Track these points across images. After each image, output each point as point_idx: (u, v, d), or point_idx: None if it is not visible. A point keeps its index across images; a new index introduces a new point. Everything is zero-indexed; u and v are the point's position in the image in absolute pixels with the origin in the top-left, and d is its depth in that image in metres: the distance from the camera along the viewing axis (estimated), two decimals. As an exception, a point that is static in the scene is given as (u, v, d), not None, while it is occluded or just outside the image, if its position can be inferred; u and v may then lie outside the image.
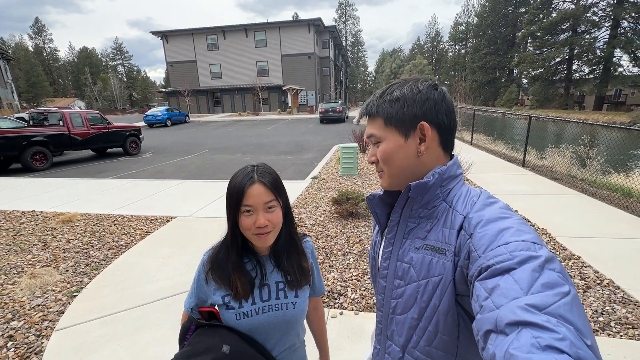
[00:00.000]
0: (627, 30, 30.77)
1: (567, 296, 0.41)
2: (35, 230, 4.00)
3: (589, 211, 4.41)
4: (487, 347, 0.42)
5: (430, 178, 0.64)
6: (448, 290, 0.59)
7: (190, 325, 0.89)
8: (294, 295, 0.93)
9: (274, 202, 0.85)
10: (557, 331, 0.37)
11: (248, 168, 0.87)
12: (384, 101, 0.68)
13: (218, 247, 0.94)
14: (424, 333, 0.63)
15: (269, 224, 0.84)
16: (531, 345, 0.37)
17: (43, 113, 9.88)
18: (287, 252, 0.95)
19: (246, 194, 0.82)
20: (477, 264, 0.52)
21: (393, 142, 0.67)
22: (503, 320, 0.41)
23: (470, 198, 0.64)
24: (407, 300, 0.65)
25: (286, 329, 0.94)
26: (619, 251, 3.21)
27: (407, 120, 0.65)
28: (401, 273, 0.67)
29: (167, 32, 34.51)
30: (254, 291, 0.90)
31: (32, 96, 53.43)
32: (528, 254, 0.47)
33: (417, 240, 0.66)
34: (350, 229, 3.81)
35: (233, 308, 0.88)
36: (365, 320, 2.34)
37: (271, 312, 0.90)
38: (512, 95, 42.25)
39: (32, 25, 66.50)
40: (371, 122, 0.71)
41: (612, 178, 5.90)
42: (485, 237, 0.53)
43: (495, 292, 0.45)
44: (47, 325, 2.30)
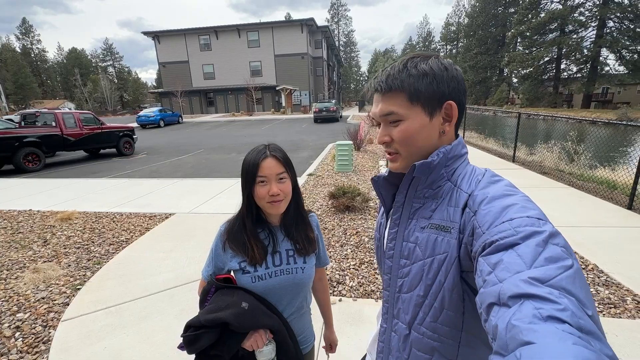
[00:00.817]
0: (612, 30, 31.52)
1: (570, 269, 0.42)
2: (34, 228, 4.01)
3: (577, 203, 4.58)
4: (490, 319, 0.42)
5: (435, 157, 0.63)
6: (453, 267, 0.59)
7: (210, 288, 1.00)
8: (303, 261, 1.04)
9: (285, 174, 0.97)
10: (559, 302, 0.38)
11: (261, 146, 1.00)
12: (409, 75, 0.63)
13: (234, 219, 1.05)
14: (430, 309, 0.64)
15: (281, 193, 0.96)
16: (533, 316, 0.37)
17: (35, 114, 9.79)
18: (296, 223, 1.06)
19: (261, 166, 0.94)
20: (481, 240, 0.52)
21: (418, 121, 0.64)
22: (506, 293, 0.42)
23: (475, 176, 0.64)
24: (413, 278, 0.66)
25: (296, 292, 1.04)
26: (603, 239, 3.38)
27: (435, 98, 0.63)
28: (407, 252, 0.68)
29: (159, 32, 34.23)
30: (267, 257, 1.00)
31: (20, 98, 52.44)
32: (532, 230, 0.47)
33: (422, 220, 0.66)
34: (347, 222, 3.91)
35: (249, 272, 0.99)
36: (363, 306, 2.44)
37: (282, 275, 1.01)
38: (502, 94, 42.91)
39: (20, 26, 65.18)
40: (389, 97, 0.65)
41: (598, 172, 6.11)
42: (490, 214, 0.54)
43: (499, 266, 0.45)
44: (53, 317, 2.35)
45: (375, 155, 8.79)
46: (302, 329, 1.11)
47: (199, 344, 0.89)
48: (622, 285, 2.57)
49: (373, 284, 2.68)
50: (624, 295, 2.45)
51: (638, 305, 2.34)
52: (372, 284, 2.68)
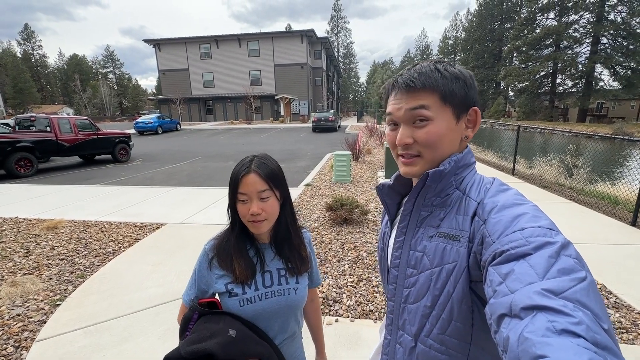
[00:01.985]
0: (606, 46, 32.15)
1: (584, 282, 0.41)
2: (18, 238, 3.84)
3: (578, 218, 4.49)
4: (501, 330, 0.41)
5: (447, 166, 0.62)
6: (462, 276, 0.58)
7: (192, 315, 0.88)
8: (295, 281, 0.96)
9: (268, 192, 0.88)
10: (574, 315, 0.36)
11: (248, 158, 0.91)
12: (443, 76, 0.61)
13: (221, 235, 0.96)
14: (438, 321, 0.62)
15: (262, 213, 0.87)
16: (546, 329, 0.36)
17: (30, 119, 9.65)
18: (288, 241, 0.97)
19: (241, 183, 0.86)
20: (491, 249, 0.51)
21: (446, 123, 0.62)
22: (518, 305, 0.40)
23: (484, 185, 0.63)
24: (420, 288, 0.64)
25: (287, 316, 0.95)
26: (609, 257, 3.26)
27: (465, 103, 0.63)
28: (414, 262, 0.66)
29: (160, 40, 34.47)
30: (256, 277, 0.91)
31: (18, 102, 52.27)
32: (544, 240, 0.46)
33: (430, 228, 0.65)
34: (345, 235, 3.77)
35: (236, 295, 0.89)
36: (361, 327, 2.29)
37: (274, 297, 0.92)
38: (499, 107, 43.41)
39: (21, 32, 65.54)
40: (419, 95, 0.62)
41: (599, 186, 6.04)
42: (500, 223, 0.52)
43: (510, 277, 0.44)
44: (27, 336, 2.18)
45: (373, 166, 8.70)
46: (293, 355, 1.01)
47: None
48: (633, 307, 2.45)
49: (372, 303, 2.53)
50: (635, 319, 2.32)
51: (651, 330, 2.21)
52: (370, 303, 2.53)
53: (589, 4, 31.61)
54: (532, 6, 35.58)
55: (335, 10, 69.47)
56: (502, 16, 47.88)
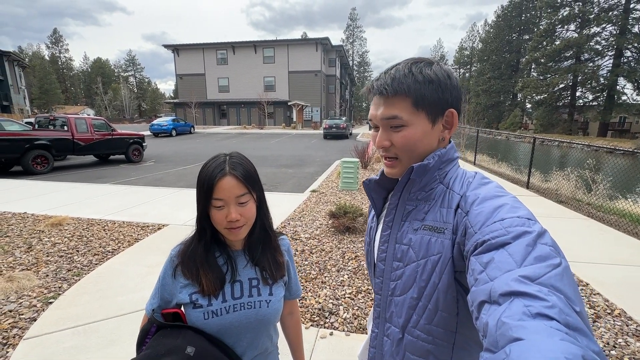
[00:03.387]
0: (630, 59, 31.16)
1: (558, 267, 0.43)
2: (23, 232, 3.89)
3: (597, 236, 4.23)
4: (481, 316, 0.43)
5: (431, 160, 0.63)
6: (447, 267, 0.59)
7: (150, 328, 0.81)
8: (268, 292, 0.87)
9: (247, 195, 0.80)
10: (548, 300, 0.38)
11: (220, 158, 0.82)
12: (415, 80, 0.61)
13: (189, 240, 0.88)
14: (424, 311, 0.63)
15: (241, 219, 0.79)
16: (522, 313, 0.38)
17: (49, 118, 9.98)
18: (263, 245, 0.89)
19: (217, 187, 0.77)
20: (473, 239, 0.52)
21: (421, 127, 0.63)
22: (497, 291, 0.42)
23: (467, 179, 0.65)
24: (406, 281, 0.65)
25: (258, 331, 0.86)
26: (630, 279, 3.03)
27: (439, 106, 0.63)
28: (400, 255, 0.67)
29: (179, 45, 35.47)
30: (224, 287, 0.83)
31: (43, 102, 54.61)
32: (522, 229, 0.48)
33: (415, 221, 0.66)
34: (347, 244, 3.65)
35: (201, 306, 0.80)
36: (357, 342, 2.16)
37: (243, 310, 0.83)
38: (516, 119, 42.49)
39: (50, 36, 68.95)
40: (393, 101, 0.63)
41: (619, 203, 5.73)
42: (482, 214, 0.54)
43: (490, 265, 0.46)
44: (15, 333, 2.15)
45: (382, 174, 8.56)
46: None
47: None
48: (656, 337, 2.23)
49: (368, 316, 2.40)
50: (658, 350, 2.11)
51: (677, 364, 2.00)
52: (368, 317, 2.40)
53: (612, 16, 30.80)
54: (552, 18, 34.93)
55: (351, 20, 70.11)
56: (520, 27, 47.22)
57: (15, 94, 31.77)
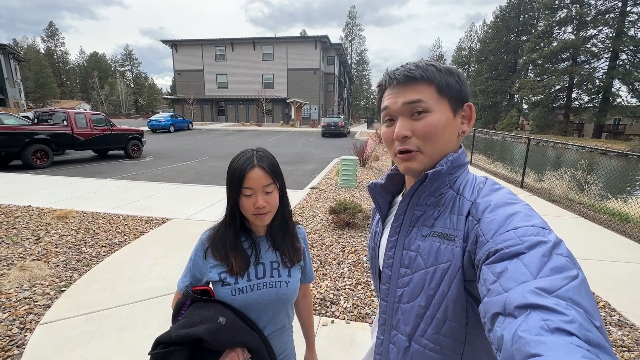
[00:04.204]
0: (625, 62, 31.52)
1: (576, 279, 0.41)
2: (29, 225, 3.97)
3: (587, 234, 4.40)
4: (495, 329, 0.42)
5: (444, 166, 0.62)
6: (457, 276, 0.58)
7: (185, 301, 0.91)
8: (287, 274, 0.98)
9: (272, 185, 0.91)
10: (567, 314, 0.37)
11: (248, 152, 0.93)
12: (438, 69, 0.63)
13: (217, 226, 0.99)
14: (432, 320, 0.62)
15: (267, 206, 0.90)
16: (540, 328, 0.36)
17: (49, 112, 9.98)
18: (283, 232, 1.00)
19: (246, 177, 0.88)
20: (485, 248, 0.51)
21: (445, 115, 0.62)
22: (512, 303, 0.41)
23: (477, 184, 0.64)
24: (413, 288, 0.64)
25: (278, 308, 0.97)
26: (616, 274, 3.19)
27: (459, 97, 0.64)
28: (407, 261, 0.66)
29: (177, 41, 35.27)
30: (249, 268, 0.94)
31: (39, 97, 54.07)
32: (537, 239, 0.46)
33: (424, 228, 0.65)
34: (346, 239, 3.78)
35: (229, 284, 0.91)
36: (356, 330, 2.29)
37: (265, 289, 0.94)
38: (512, 119, 42.81)
39: (46, 29, 68.07)
40: (415, 87, 0.62)
41: (609, 203, 5.91)
42: (494, 222, 0.53)
43: (504, 275, 0.45)
44: (31, 319, 2.25)
45: (380, 172, 8.70)
46: (283, 348, 1.03)
47: None
48: (637, 326, 2.39)
49: (369, 307, 2.53)
50: (639, 338, 2.27)
51: (654, 350, 2.16)
52: (367, 307, 2.54)
53: (608, 19, 31.11)
54: (550, 19, 35.22)
55: (350, 18, 70.03)
56: (518, 28, 47.49)
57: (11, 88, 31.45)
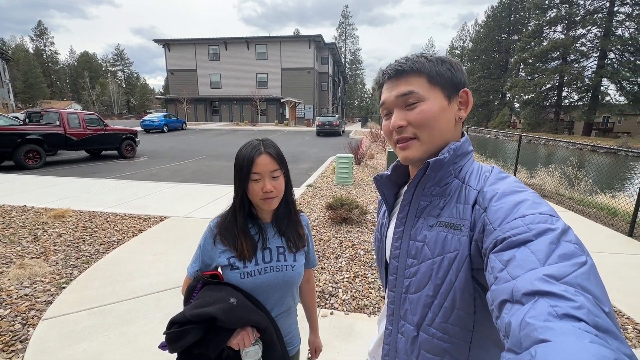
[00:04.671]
0: (613, 61, 32.16)
1: (584, 266, 0.41)
2: (26, 224, 3.95)
3: (577, 228, 4.53)
4: (502, 316, 0.42)
5: (446, 154, 0.62)
6: (465, 265, 0.58)
7: (196, 284, 0.96)
8: (293, 259, 1.03)
9: (278, 171, 0.97)
10: (575, 300, 0.37)
11: (255, 141, 0.99)
12: (428, 60, 0.64)
13: (225, 213, 1.04)
14: (440, 310, 0.62)
15: (274, 190, 0.95)
16: (548, 314, 0.36)
17: (40, 112, 9.86)
18: (288, 219, 1.05)
19: (255, 163, 0.93)
20: (492, 236, 0.51)
21: (438, 102, 0.63)
22: (520, 290, 0.41)
23: (483, 173, 0.64)
24: (421, 278, 0.64)
25: (284, 290, 1.02)
26: (603, 265, 3.31)
27: (453, 84, 0.65)
28: (414, 252, 0.66)
29: (170, 40, 34.98)
30: (257, 253, 0.99)
31: (28, 97, 53.12)
32: (545, 227, 0.46)
33: (430, 218, 0.65)
34: (343, 234, 3.85)
35: (238, 268, 0.97)
36: (355, 320, 2.36)
37: (272, 272, 0.99)
38: (504, 117, 43.36)
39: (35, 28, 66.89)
40: (407, 79, 0.65)
41: (598, 198, 6.08)
42: (501, 210, 0.53)
43: (512, 263, 0.45)
44: (34, 315, 2.27)
45: (375, 170, 8.79)
46: (288, 329, 1.09)
47: (183, 341, 0.84)
48: (623, 312, 2.49)
49: (366, 299, 2.60)
50: (624, 324, 2.37)
51: (639, 335, 2.26)
52: (365, 299, 2.60)
53: (596, 18, 31.70)
54: (540, 19, 35.74)
55: (343, 17, 70.12)
56: (509, 28, 48.09)
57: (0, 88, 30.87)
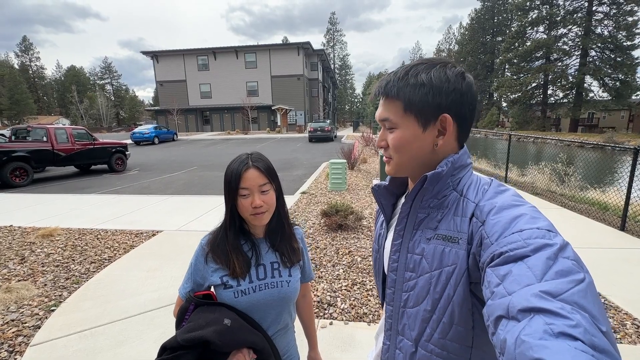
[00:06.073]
0: (595, 59, 33.05)
1: (582, 283, 0.40)
2: (12, 245, 3.83)
3: (569, 223, 4.57)
4: (498, 332, 0.41)
5: (444, 167, 0.61)
6: (463, 279, 0.57)
7: (189, 306, 0.92)
8: (288, 274, 1.00)
9: (268, 185, 0.94)
10: (571, 318, 0.36)
11: (243, 156, 0.96)
12: (407, 84, 0.62)
13: (216, 231, 1.00)
14: (438, 325, 0.60)
15: (264, 205, 0.92)
16: (544, 332, 0.36)
17: (26, 128, 9.67)
18: (281, 232, 1.02)
19: (243, 178, 0.91)
20: (489, 250, 0.51)
21: (410, 131, 0.63)
22: (515, 307, 0.40)
23: (481, 186, 0.63)
24: (419, 292, 0.63)
25: (281, 307, 0.99)
26: (598, 260, 3.33)
27: (430, 110, 0.61)
28: (412, 265, 0.65)
29: (158, 52, 34.87)
30: (250, 270, 0.95)
31: (14, 113, 52.18)
32: (543, 242, 0.46)
33: (428, 230, 0.64)
34: (340, 241, 3.81)
35: (231, 287, 0.93)
36: (355, 329, 2.32)
37: (267, 289, 0.96)
38: (493, 117, 44.05)
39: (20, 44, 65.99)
40: (387, 104, 0.65)
41: (589, 193, 6.16)
42: (499, 224, 0.52)
43: (508, 278, 0.44)
44: (21, 341, 2.17)
45: (369, 174, 8.79)
46: (286, 347, 1.05)
47: None
48: (621, 308, 2.50)
49: (366, 307, 2.56)
50: (623, 319, 2.38)
51: (638, 330, 2.26)
52: (364, 307, 2.56)
53: (576, 18, 32.63)
54: (522, 20, 36.61)
55: (331, 24, 70.94)
56: (493, 29, 49.17)
57: (-16, 105, 30.30)
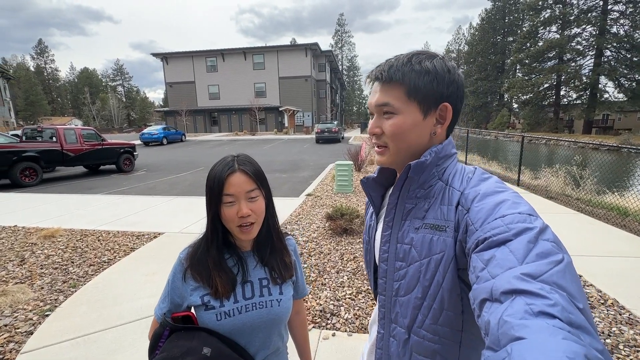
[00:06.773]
0: (610, 59, 32.15)
1: (561, 264, 0.42)
2: (14, 246, 3.80)
3: (587, 229, 4.34)
4: (482, 314, 0.43)
5: (428, 157, 0.62)
6: (451, 265, 0.58)
7: (163, 331, 0.79)
8: (279, 292, 0.87)
9: (256, 191, 0.82)
10: (550, 297, 0.38)
11: (228, 158, 0.84)
12: (412, 69, 0.61)
13: (197, 243, 0.88)
14: (429, 311, 0.62)
15: (252, 214, 0.80)
16: (524, 312, 0.38)
17: (37, 129, 9.81)
18: (271, 245, 0.89)
19: (227, 183, 0.78)
20: (474, 236, 0.52)
21: (411, 117, 0.63)
22: (498, 289, 0.42)
23: (466, 174, 0.64)
24: (409, 281, 0.65)
25: (270, 330, 0.86)
26: (620, 270, 3.12)
27: (433, 98, 0.62)
28: (402, 255, 0.66)
29: (168, 54, 35.29)
30: (235, 289, 0.83)
31: (29, 114, 53.58)
32: (524, 226, 0.48)
33: (415, 220, 0.65)
34: (344, 246, 3.68)
35: (213, 308, 0.80)
36: (359, 342, 2.18)
37: (255, 310, 0.83)
38: (503, 118, 43.27)
39: (35, 47, 67.83)
40: (389, 89, 0.63)
41: (607, 197, 5.89)
42: (482, 211, 0.54)
43: (492, 262, 0.46)
44: (12, 348, 2.10)
45: (376, 176, 8.63)
46: None
47: None
48: (648, 324, 2.31)
49: (370, 317, 2.42)
50: (652, 337, 2.18)
51: (669, 349, 2.07)
52: (369, 317, 2.42)
53: (591, 17, 31.81)
54: (534, 20, 35.89)
55: (339, 25, 70.81)
56: (504, 30, 48.35)
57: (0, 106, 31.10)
